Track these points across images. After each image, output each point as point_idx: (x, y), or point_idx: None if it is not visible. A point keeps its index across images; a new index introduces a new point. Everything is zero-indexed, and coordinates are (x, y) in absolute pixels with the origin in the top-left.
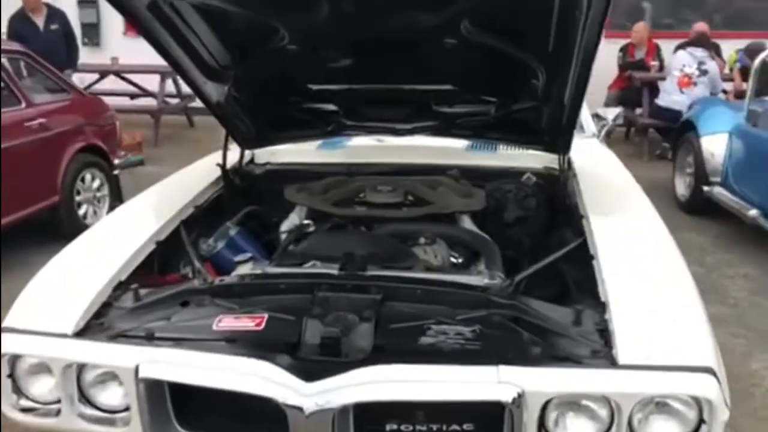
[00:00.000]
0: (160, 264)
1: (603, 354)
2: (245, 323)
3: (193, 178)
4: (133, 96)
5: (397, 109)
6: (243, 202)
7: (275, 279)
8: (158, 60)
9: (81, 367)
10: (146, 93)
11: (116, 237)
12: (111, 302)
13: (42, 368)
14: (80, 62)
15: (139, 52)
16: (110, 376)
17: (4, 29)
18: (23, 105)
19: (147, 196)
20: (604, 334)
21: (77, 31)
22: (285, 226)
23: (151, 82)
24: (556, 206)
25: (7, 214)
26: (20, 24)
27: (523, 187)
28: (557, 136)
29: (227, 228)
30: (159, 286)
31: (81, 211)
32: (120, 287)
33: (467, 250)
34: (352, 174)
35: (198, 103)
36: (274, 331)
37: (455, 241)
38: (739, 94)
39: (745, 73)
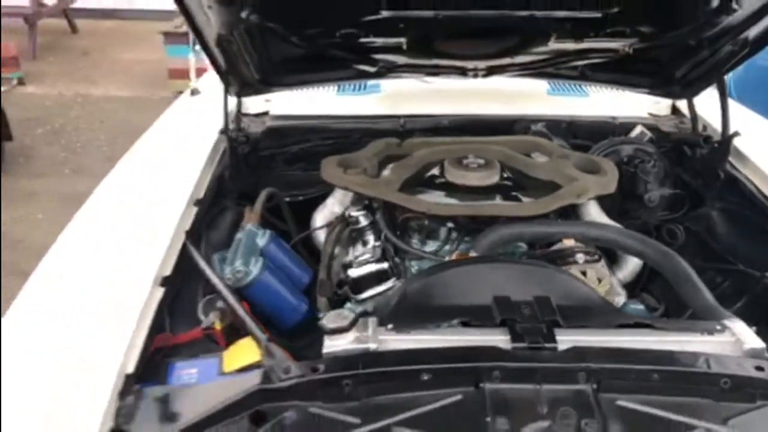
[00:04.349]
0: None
1: None
2: None
3: (174, 151)
4: None
5: (489, 44)
6: (248, 180)
7: (409, 364)
8: None
9: None
10: None
11: (99, 283)
12: (123, 428)
13: None
14: None
15: None
16: None
17: None
18: None
19: (112, 194)
20: None
21: None
22: (321, 218)
23: None
24: (690, 178)
25: None
26: None
27: (646, 149)
28: (700, 80)
29: (252, 236)
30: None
31: None
32: (128, 387)
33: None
34: (405, 133)
35: (81, 3)
36: None
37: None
38: None
39: None
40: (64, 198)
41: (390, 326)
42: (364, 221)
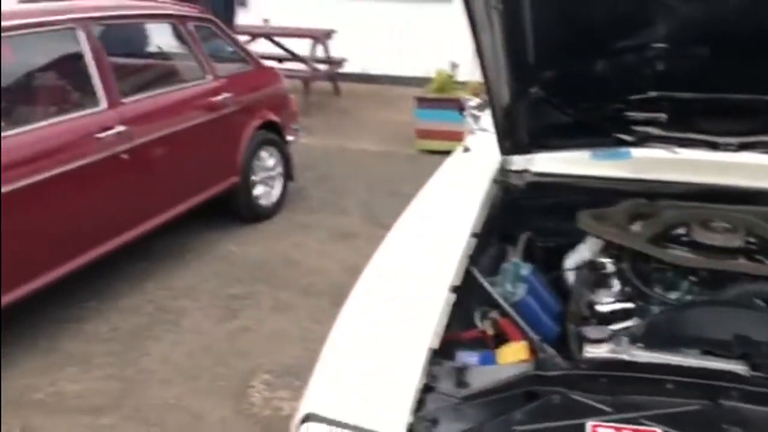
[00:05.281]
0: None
1: None
2: None
3: (455, 194)
4: (281, 60)
5: (742, 122)
6: (510, 223)
7: (658, 373)
8: (307, 22)
9: None
10: (296, 57)
11: (408, 287)
12: (432, 385)
13: None
14: None
15: (287, 13)
16: None
17: None
18: (210, 78)
19: (411, 225)
20: None
21: None
22: (572, 260)
23: (297, 45)
24: None
25: (189, 197)
26: None
27: None
28: None
29: (517, 267)
30: (459, 343)
31: (255, 192)
32: (434, 359)
33: None
34: (652, 196)
35: (345, 69)
36: None
37: None
38: None
39: None
40: (331, 231)
41: (641, 345)
42: (610, 267)
